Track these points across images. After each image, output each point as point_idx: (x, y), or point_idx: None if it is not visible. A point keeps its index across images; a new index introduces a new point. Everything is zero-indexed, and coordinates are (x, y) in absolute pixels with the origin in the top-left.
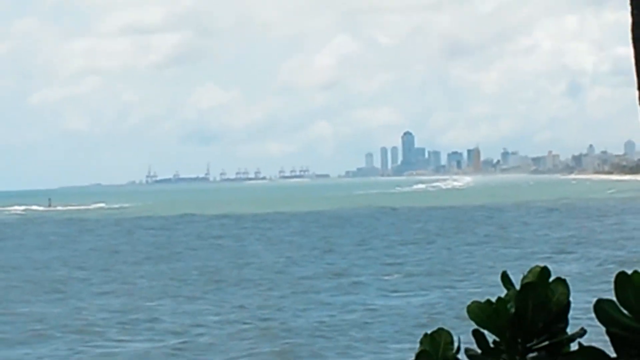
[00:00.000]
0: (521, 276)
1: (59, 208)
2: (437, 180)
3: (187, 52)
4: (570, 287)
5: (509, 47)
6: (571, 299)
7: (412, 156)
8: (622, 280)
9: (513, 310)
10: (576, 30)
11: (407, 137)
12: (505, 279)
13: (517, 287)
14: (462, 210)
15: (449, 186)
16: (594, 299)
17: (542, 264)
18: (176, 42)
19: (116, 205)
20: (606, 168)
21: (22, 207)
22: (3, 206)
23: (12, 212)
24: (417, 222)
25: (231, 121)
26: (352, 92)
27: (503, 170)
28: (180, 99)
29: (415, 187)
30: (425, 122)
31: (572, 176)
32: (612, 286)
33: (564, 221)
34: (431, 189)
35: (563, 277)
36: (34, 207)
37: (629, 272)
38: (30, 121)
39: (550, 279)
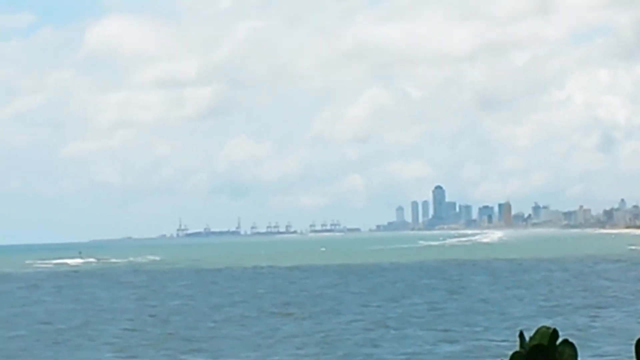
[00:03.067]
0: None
1: (90, 260)
2: (468, 235)
3: (219, 105)
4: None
5: (542, 100)
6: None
7: (443, 210)
8: None
9: None
10: (609, 84)
11: (438, 191)
12: (521, 337)
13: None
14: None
15: (482, 240)
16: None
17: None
18: (209, 94)
19: (144, 260)
20: (638, 222)
21: (57, 261)
22: (38, 259)
23: (47, 265)
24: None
25: (263, 174)
26: (384, 144)
27: (534, 225)
28: (212, 151)
29: (448, 240)
30: (457, 176)
31: (604, 230)
32: None
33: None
34: (467, 243)
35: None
36: (67, 261)
37: None
38: (62, 173)
39: (559, 341)
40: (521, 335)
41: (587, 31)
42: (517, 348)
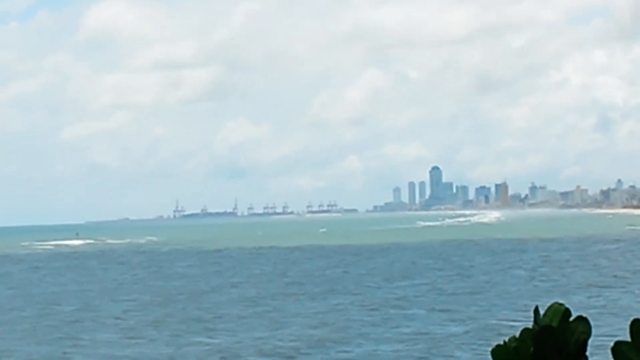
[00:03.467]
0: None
1: (89, 241)
2: (465, 215)
3: (217, 87)
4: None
5: (539, 82)
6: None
7: (439, 191)
8: (638, 328)
9: (532, 349)
10: (606, 65)
11: (435, 171)
12: (536, 313)
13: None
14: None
15: (481, 220)
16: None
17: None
18: (206, 77)
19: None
20: (634, 202)
21: (55, 242)
22: (35, 241)
23: (46, 246)
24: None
25: (260, 156)
26: (382, 126)
27: (531, 205)
28: (209, 133)
29: (447, 221)
30: (454, 157)
31: (601, 210)
32: None
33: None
34: (465, 223)
35: (585, 314)
36: (66, 242)
37: None
38: (59, 156)
39: (572, 317)
40: (536, 310)
41: (584, 13)
42: (531, 324)
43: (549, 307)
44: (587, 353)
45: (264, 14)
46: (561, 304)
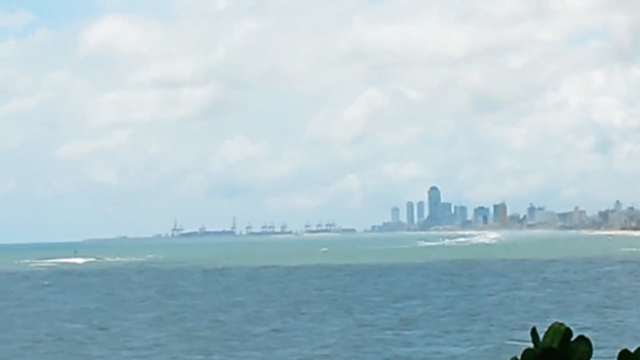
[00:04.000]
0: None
1: (90, 260)
2: (464, 236)
3: (215, 105)
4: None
5: (538, 103)
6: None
7: (438, 211)
8: (625, 358)
9: None
10: (604, 86)
11: (434, 191)
12: (534, 335)
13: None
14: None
15: (480, 241)
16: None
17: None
18: (205, 95)
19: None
20: (633, 224)
21: (57, 260)
22: (36, 259)
23: (47, 265)
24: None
25: (259, 174)
26: (380, 146)
27: (529, 226)
28: (208, 151)
29: (446, 241)
30: (452, 177)
31: (600, 232)
32: None
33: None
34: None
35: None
36: (66, 260)
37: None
38: (57, 173)
39: (574, 337)
40: (534, 332)
41: (582, 34)
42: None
43: (550, 327)
44: None
45: (263, 33)
46: (561, 324)
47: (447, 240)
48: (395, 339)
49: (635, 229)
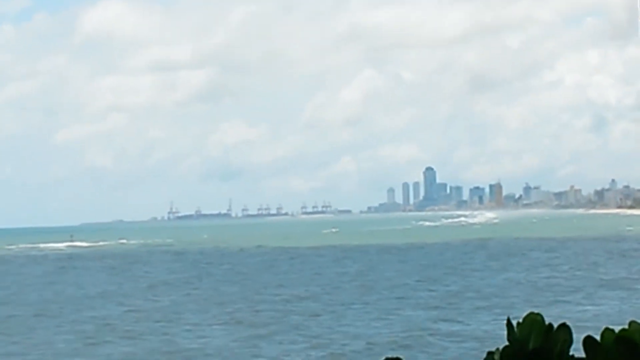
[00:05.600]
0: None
1: (83, 244)
2: (461, 216)
3: (212, 89)
4: None
5: (534, 82)
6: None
7: (433, 191)
8: (590, 344)
9: None
10: (600, 65)
11: (429, 172)
12: (509, 326)
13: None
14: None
15: (478, 220)
16: None
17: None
18: (202, 78)
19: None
20: (628, 202)
21: (62, 244)
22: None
23: (52, 248)
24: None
25: (255, 157)
26: (376, 128)
27: (525, 205)
28: (204, 135)
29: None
30: (448, 158)
31: (596, 211)
32: None
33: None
34: (463, 223)
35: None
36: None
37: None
38: (54, 158)
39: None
40: (509, 323)
41: (578, 13)
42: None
43: (525, 319)
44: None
45: (260, 16)
46: (537, 314)
47: (446, 220)
48: (429, 318)
49: (631, 207)
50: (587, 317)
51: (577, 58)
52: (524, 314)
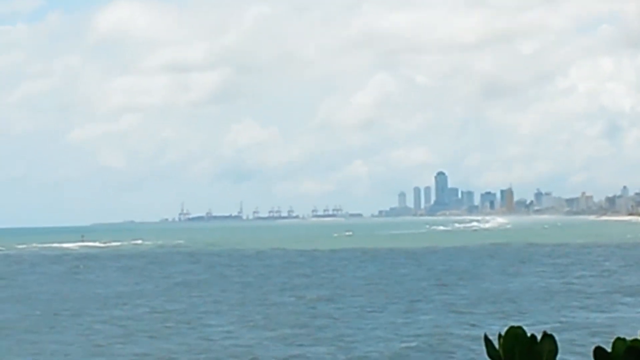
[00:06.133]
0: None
1: (97, 244)
2: (472, 220)
3: (225, 90)
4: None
5: (547, 89)
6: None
7: (445, 196)
8: (600, 355)
9: None
10: (614, 72)
11: (440, 177)
12: (488, 343)
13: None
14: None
15: (489, 226)
16: None
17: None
18: (216, 80)
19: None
20: None
21: (77, 244)
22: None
23: (65, 248)
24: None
25: (267, 159)
26: (389, 131)
27: (536, 211)
28: (217, 136)
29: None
30: (460, 163)
31: (607, 217)
32: None
33: None
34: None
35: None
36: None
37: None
38: (66, 158)
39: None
40: (487, 340)
41: (592, 20)
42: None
43: (507, 332)
44: None
45: (274, 18)
46: (519, 327)
47: (459, 225)
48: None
49: None
50: (605, 323)
51: (591, 65)
52: (506, 329)
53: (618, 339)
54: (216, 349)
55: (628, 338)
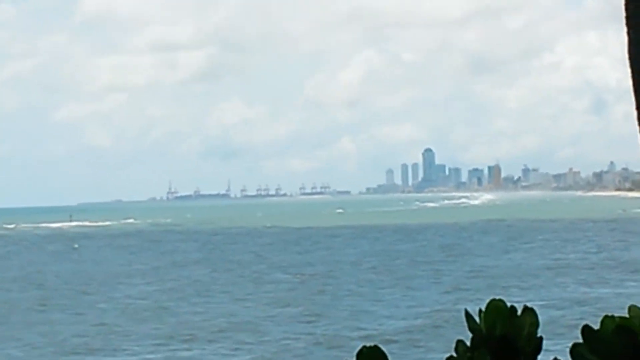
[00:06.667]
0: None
1: (90, 223)
2: (460, 197)
3: (212, 68)
4: None
5: (533, 64)
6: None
7: (432, 173)
8: (588, 333)
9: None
10: (600, 47)
11: (428, 153)
12: (469, 317)
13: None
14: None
15: (475, 202)
16: None
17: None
18: (202, 58)
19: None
20: (627, 185)
21: (71, 224)
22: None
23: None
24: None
25: (254, 137)
26: (376, 108)
27: (523, 187)
28: (204, 115)
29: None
30: (447, 139)
31: (594, 193)
32: None
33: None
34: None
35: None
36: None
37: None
38: (53, 137)
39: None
40: (467, 314)
41: None
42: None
43: (488, 306)
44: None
45: None
46: (500, 300)
47: (448, 202)
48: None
49: (629, 189)
50: (600, 298)
51: (577, 40)
52: (488, 301)
53: (606, 316)
54: (223, 326)
55: (619, 315)
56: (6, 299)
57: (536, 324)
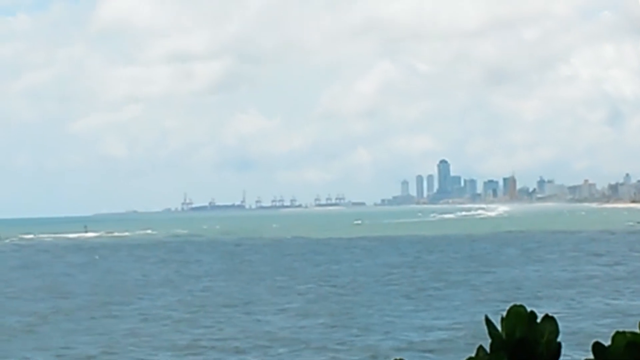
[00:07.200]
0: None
1: (112, 234)
2: (474, 208)
3: (228, 79)
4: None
5: (549, 75)
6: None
7: (447, 184)
8: (599, 350)
9: None
10: (616, 59)
11: (443, 165)
12: (489, 324)
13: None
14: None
15: (491, 214)
16: None
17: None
18: (218, 68)
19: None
20: None
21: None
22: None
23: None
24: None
25: (269, 148)
26: (391, 119)
27: (539, 199)
28: (220, 125)
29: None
30: (463, 150)
31: (610, 205)
32: None
33: None
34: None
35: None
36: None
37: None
38: (70, 147)
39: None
40: (488, 320)
41: (594, 6)
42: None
43: (509, 312)
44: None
45: (276, 6)
46: (521, 306)
47: (466, 213)
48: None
49: None
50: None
51: (593, 52)
52: (508, 307)
53: (618, 332)
54: (258, 336)
55: (630, 331)
56: (34, 309)
57: (556, 332)
